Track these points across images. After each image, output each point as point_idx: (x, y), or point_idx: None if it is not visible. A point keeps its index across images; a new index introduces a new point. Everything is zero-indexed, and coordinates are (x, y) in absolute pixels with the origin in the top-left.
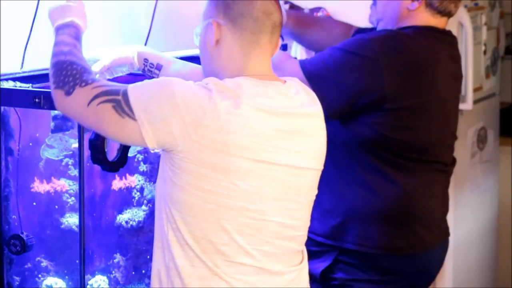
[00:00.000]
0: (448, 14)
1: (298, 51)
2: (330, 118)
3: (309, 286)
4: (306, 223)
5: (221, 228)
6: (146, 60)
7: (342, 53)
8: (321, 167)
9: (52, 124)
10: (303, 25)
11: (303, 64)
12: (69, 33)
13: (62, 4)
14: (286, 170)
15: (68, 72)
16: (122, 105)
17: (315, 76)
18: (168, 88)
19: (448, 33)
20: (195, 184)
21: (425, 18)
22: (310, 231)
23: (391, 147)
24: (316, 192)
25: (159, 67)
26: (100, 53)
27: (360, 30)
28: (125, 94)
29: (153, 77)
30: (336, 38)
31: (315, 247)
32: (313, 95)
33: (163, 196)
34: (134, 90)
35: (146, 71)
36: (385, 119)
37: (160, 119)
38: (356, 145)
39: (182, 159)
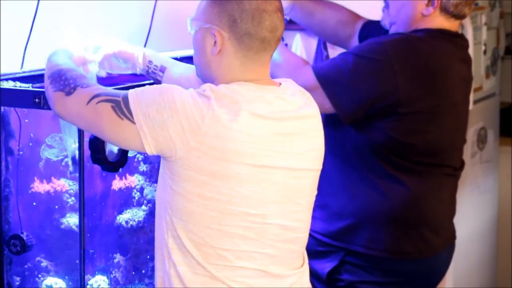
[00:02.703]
0: (462, 17)
1: (298, 49)
2: (343, 123)
3: None
4: (307, 224)
5: (223, 234)
6: (150, 62)
7: (355, 57)
8: (321, 167)
9: None
10: (311, 4)
11: (316, 69)
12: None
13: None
14: (286, 173)
15: (68, 76)
16: (121, 107)
17: (329, 82)
18: (169, 94)
19: (461, 36)
20: (196, 191)
21: (439, 22)
22: (316, 231)
23: (403, 151)
24: (316, 192)
25: (162, 69)
26: (101, 41)
27: (370, 23)
28: (125, 98)
29: (156, 79)
30: (343, 21)
31: (321, 247)
32: (308, 96)
33: (163, 204)
34: (134, 93)
35: (150, 73)
36: (398, 123)
37: (159, 124)
38: (367, 150)
39: (182, 166)
